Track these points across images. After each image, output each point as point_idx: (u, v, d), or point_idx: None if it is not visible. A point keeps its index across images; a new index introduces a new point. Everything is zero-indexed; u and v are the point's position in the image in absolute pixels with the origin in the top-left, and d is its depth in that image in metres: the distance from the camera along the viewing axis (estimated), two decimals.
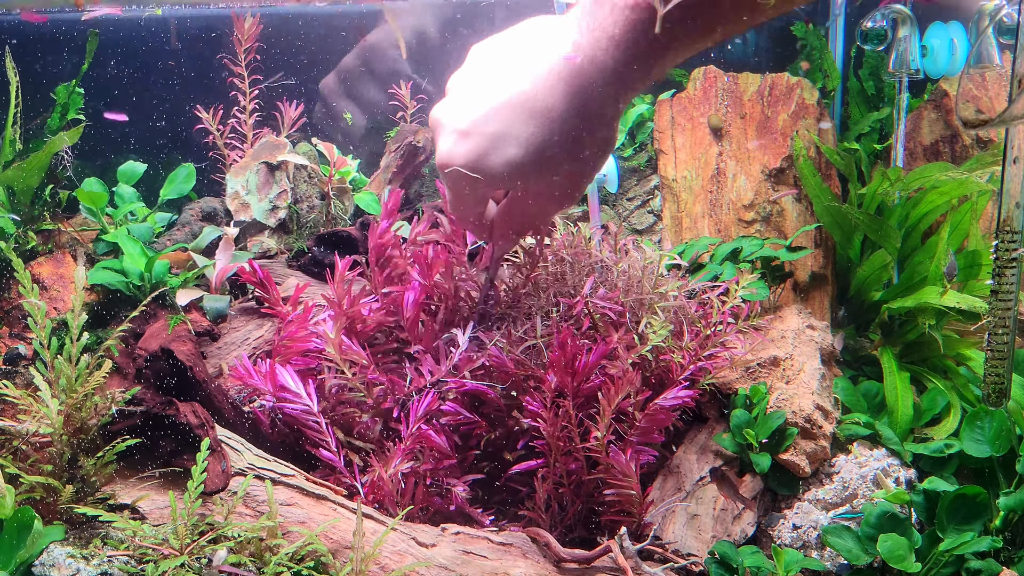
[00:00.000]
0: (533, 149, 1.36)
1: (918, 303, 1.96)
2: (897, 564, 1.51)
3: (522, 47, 1.40)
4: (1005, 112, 1.50)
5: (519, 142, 1.36)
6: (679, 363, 1.67)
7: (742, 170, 2.19)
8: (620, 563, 1.45)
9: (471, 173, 1.39)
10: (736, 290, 1.79)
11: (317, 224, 2.17)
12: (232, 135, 2.26)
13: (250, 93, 2.25)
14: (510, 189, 1.46)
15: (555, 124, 1.35)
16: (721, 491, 1.70)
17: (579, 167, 1.42)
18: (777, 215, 2.16)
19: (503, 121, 1.36)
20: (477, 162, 1.38)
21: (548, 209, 1.53)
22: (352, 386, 1.60)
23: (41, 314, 1.44)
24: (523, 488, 1.60)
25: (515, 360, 1.58)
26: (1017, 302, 1.65)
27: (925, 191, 2.08)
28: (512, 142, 1.36)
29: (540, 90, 1.35)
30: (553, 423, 1.51)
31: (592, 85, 1.34)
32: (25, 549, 1.27)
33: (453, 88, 1.46)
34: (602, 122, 1.39)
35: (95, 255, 2.00)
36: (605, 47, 1.30)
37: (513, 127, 1.36)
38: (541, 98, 1.35)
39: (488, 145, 1.37)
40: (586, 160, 1.42)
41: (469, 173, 1.39)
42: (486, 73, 1.41)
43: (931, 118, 2.31)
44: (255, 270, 1.78)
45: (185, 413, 1.46)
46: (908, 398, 1.87)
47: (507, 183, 1.42)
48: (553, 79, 1.34)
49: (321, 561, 1.38)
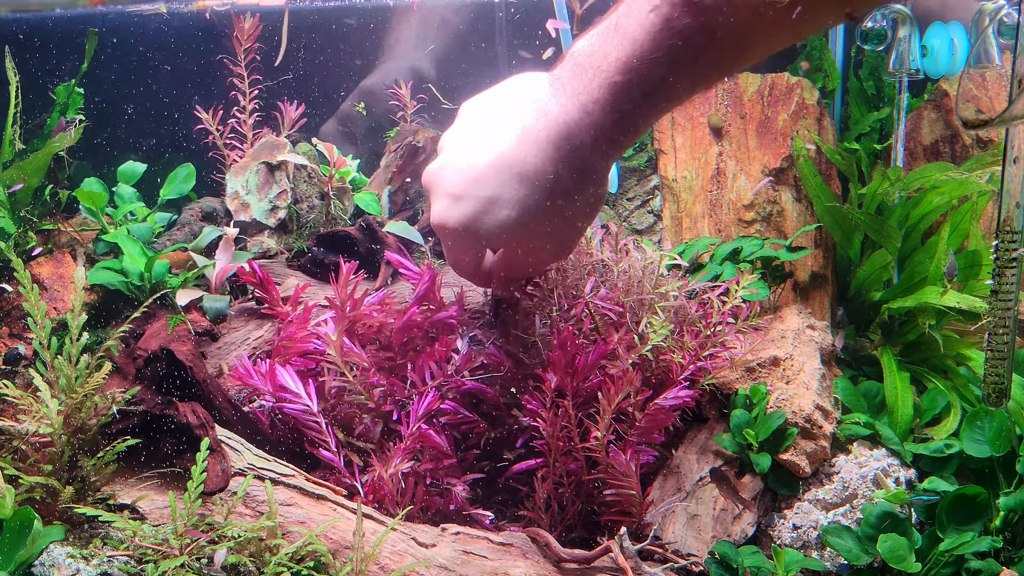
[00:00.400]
0: (525, 210, 1.41)
1: (918, 303, 1.96)
2: (897, 564, 1.51)
3: (512, 108, 1.43)
4: (1005, 112, 1.50)
5: (511, 204, 1.40)
6: (679, 363, 1.67)
7: (742, 170, 2.19)
8: (620, 563, 1.45)
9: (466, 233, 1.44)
10: (736, 290, 1.79)
11: (317, 224, 2.17)
12: (232, 135, 2.26)
13: (250, 93, 2.25)
14: (504, 247, 1.50)
15: (546, 186, 1.40)
16: (721, 491, 1.70)
17: (571, 223, 1.47)
18: (777, 215, 2.16)
19: (495, 185, 1.40)
20: (471, 224, 1.43)
21: (543, 261, 1.58)
22: (353, 388, 1.60)
23: (41, 314, 1.44)
24: (523, 488, 1.60)
25: (515, 359, 1.58)
26: (1017, 302, 1.65)
27: (925, 191, 2.08)
28: (505, 205, 1.40)
29: (531, 153, 1.39)
30: (553, 423, 1.51)
31: (581, 147, 1.38)
32: (25, 549, 1.27)
33: (445, 147, 1.50)
34: (592, 180, 1.43)
35: (95, 255, 2.00)
36: (591, 110, 1.35)
37: (505, 190, 1.40)
38: (532, 161, 1.39)
39: (482, 208, 1.41)
40: (578, 216, 1.47)
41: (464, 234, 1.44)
42: (477, 134, 1.45)
43: (931, 118, 2.31)
44: (255, 270, 1.78)
45: (185, 413, 1.46)
46: (908, 398, 1.87)
47: (501, 242, 1.47)
48: (543, 142, 1.38)
49: (321, 561, 1.38)
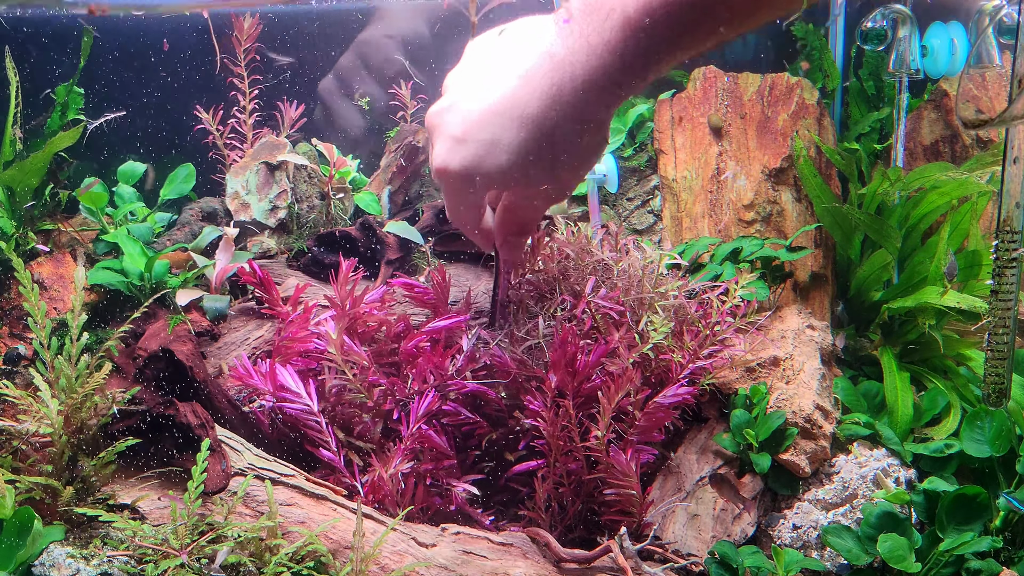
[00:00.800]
0: (525, 155, 1.38)
1: (918, 303, 1.96)
2: (897, 564, 1.51)
3: (516, 49, 1.41)
4: (1005, 112, 1.50)
5: (512, 148, 1.38)
6: (679, 362, 1.67)
7: (742, 170, 2.19)
8: (620, 563, 1.45)
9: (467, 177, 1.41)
10: (736, 290, 1.79)
11: (317, 224, 2.17)
12: (232, 135, 2.26)
13: (250, 93, 2.25)
14: (505, 191, 1.49)
15: (547, 130, 1.37)
16: (721, 491, 1.70)
17: (571, 169, 1.45)
18: (777, 215, 2.16)
19: (496, 128, 1.38)
20: (472, 168, 1.40)
21: (540, 208, 1.56)
22: (353, 387, 1.60)
23: (41, 314, 1.44)
24: (523, 488, 1.60)
25: (517, 360, 1.58)
26: (1017, 302, 1.65)
27: (925, 191, 2.08)
28: (505, 148, 1.38)
29: (533, 97, 1.36)
30: (553, 422, 1.51)
31: (586, 91, 1.35)
32: (25, 549, 1.27)
33: (449, 87, 1.47)
34: (594, 127, 1.40)
35: (95, 255, 2.00)
36: (600, 53, 1.31)
37: (506, 134, 1.38)
38: (534, 105, 1.36)
39: (483, 152, 1.39)
40: (578, 162, 1.44)
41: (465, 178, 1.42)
42: (481, 76, 1.42)
43: (931, 118, 2.31)
44: (255, 270, 1.78)
45: (185, 413, 1.46)
46: (908, 398, 1.87)
47: (501, 186, 1.45)
48: (546, 85, 1.35)
49: (321, 561, 1.38)
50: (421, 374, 1.61)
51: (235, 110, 2.25)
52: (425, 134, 2.27)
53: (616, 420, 1.54)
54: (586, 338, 1.60)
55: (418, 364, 1.62)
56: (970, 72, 2.20)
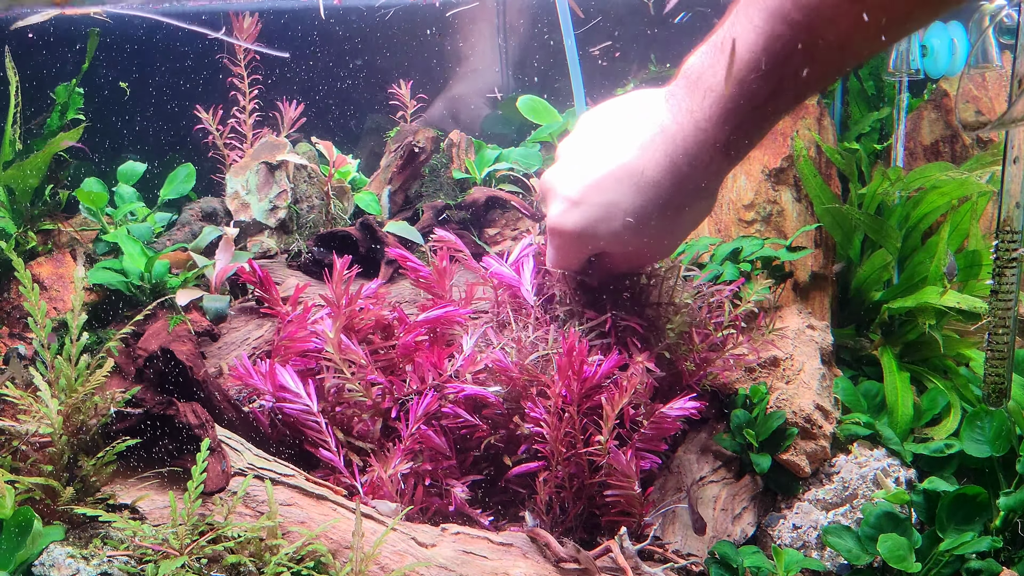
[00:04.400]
0: (640, 218, 1.47)
1: (918, 303, 1.96)
2: (897, 564, 1.51)
3: (630, 120, 1.50)
4: (1005, 115, 1.50)
5: (627, 212, 1.46)
6: (690, 369, 1.68)
7: (742, 170, 2.19)
8: (620, 563, 1.45)
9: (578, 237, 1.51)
10: (749, 297, 1.80)
11: (317, 224, 2.17)
12: (232, 135, 2.26)
13: (250, 93, 2.25)
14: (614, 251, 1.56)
15: (661, 197, 1.46)
16: (721, 491, 1.70)
17: (679, 232, 1.56)
18: (777, 215, 2.16)
19: (614, 193, 1.47)
20: (587, 229, 1.49)
21: (644, 264, 1.67)
22: (351, 386, 1.60)
23: (41, 314, 1.44)
24: (523, 490, 1.59)
25: (520, 367, 1.57)
26: (1017, 302, 1.65)
27: (925, 191, 2.08)
28: (621, 212, 1.47)
29: (648, 166, 1.45)
30: (556, 427, 1.50)
31: (696, 161, 1.43)
32: (25, 549, 1.27)
33: (563, 154, 1.56)
34: (704, 193, 1.50)
35: (95, 255, 2.00)
36: (704, 127, 1.40)
37: (624, 199, 1.46)
38: (649, 172, 1.45)
39: (599, 214, 1.48)
40: (686, 225, 1.55)
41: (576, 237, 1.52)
42: (596, 143, 1.52)
43: (931, 118, 2.31)
44: (255, 270, 1.78)
45: (185, 413, 1.46)
46: (908, 398, 1.87)
47: (610, 246, 1.53)
48: (660, 156, 1.44)
49: (321, 561, 1.38)
50: (420, 372, 1.61)
51: (235, 110, 2.25)
52: (425, 134, 2.27)
53: (620, 426, 1.54)
54: (606, 351, 1.59)
55: (416, 362, 1.62)
56: (970, 72, 2.20)
